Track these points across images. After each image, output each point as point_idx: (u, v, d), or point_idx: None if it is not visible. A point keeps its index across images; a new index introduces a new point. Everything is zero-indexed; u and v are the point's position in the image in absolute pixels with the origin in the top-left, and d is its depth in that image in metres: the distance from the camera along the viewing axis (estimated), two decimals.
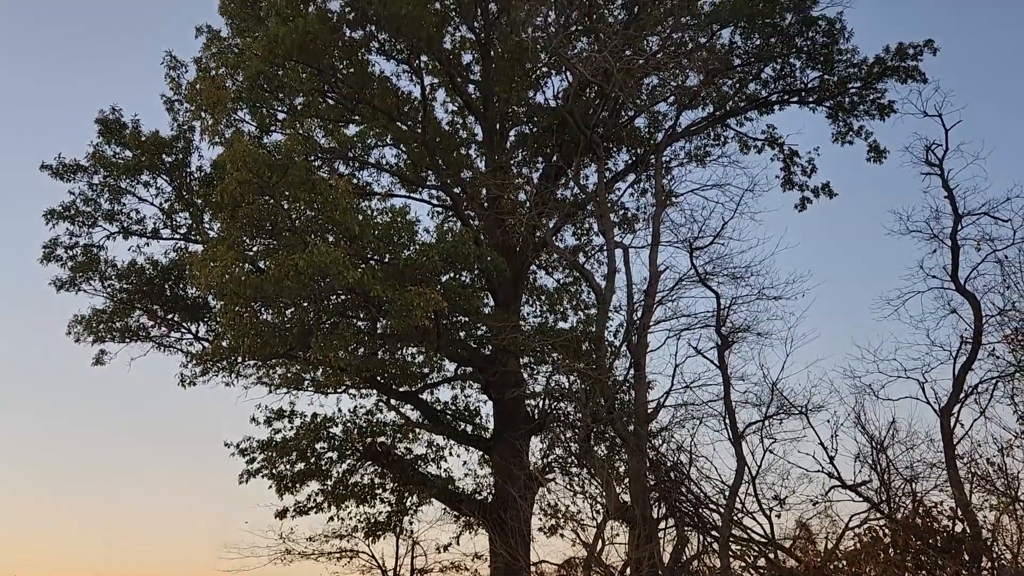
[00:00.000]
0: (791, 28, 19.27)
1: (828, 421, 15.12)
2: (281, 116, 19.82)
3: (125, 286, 19.60)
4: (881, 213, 16.16)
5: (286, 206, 16.13)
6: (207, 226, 19.46)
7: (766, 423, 15.67)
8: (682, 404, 16.41)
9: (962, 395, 14.19)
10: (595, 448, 18.10)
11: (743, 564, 15.09)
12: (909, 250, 16.44)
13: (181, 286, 19.81)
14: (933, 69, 18.95)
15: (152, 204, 20.05)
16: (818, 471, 14.77)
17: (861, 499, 14.46)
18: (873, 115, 20.06)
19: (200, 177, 19.89)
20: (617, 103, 19.23)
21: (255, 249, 16.70)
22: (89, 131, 19.60)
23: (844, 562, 13.37)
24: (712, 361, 16.42)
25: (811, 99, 20.24)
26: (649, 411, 16.44)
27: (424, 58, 19.96)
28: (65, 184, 19.62)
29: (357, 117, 20.52)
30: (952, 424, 14.00)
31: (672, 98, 20.16)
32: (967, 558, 12.71)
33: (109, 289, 19.69)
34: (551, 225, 20.30)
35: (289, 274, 15.03)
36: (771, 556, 14.78)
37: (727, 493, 15.19)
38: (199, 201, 19.68)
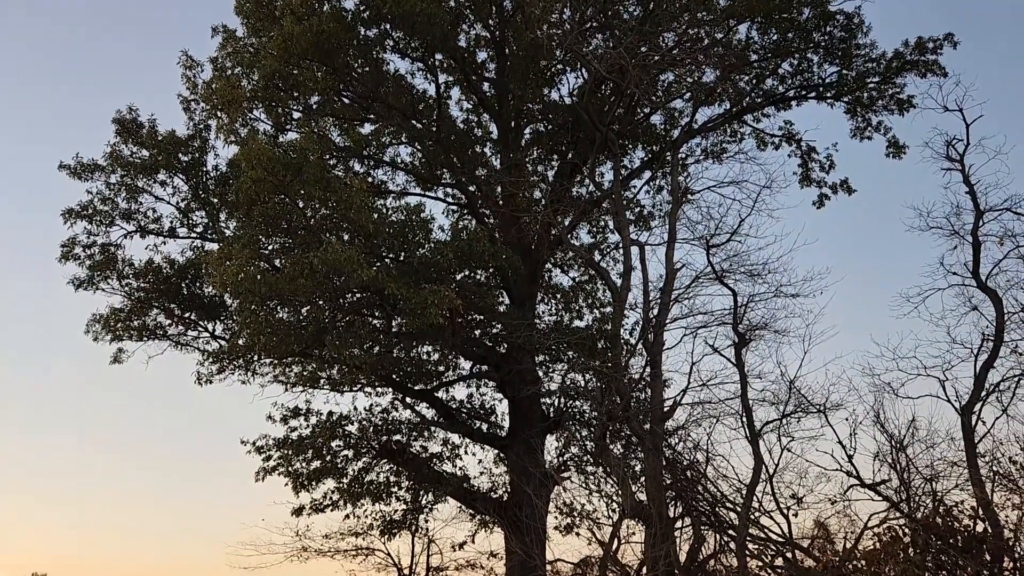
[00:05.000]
0: (808, 23, 19.12)
1: (847, 419, 15.00)
2: (296, 115, 19.84)
3: (142, 285, 19.69)
4: (901, 209, 16.03)
5: (301, 204, 16.16)
6: (223, 225, 19.56)
7: (784, 421, 15.56)
8: (699, 402, 16.32)
9: (984, 393, 14.04)
10: (611, 447, 18.01)
11: (760, 564, 14.98)
12: (929, 247, 16.29)
13: (198, 285, 19.89)
14: (953, 63, 18.74)
15: (169, 203, 20.16)
16: (836, 470, 14.65)
17: (880, 498, 14.31)
18: (892, 110, 19.84)
19: (216, 176, 20.00)
20: (633, 100, 19.13)
21: (270, 248, 16.75)
22: (107, 131, 19.74)
23: (863, 562, 13.25)
24: (729, 359, 16.35)
25: (829, 95, 20.04)
26: (665, 409, 16.35)
27: (439, 56, 19.93)
28: (83, 183, 19.78)
29: (372, 115, 20.52)
30: (974, 422, 13.85)
31: (688, 94, 20.04)
32: (988, 558, 12.56)
33: (127, 288, 19.78)
34: (566, 223, 20.22)
35: (304, 272, 15.07)
36: (789, 556, 14.65)
37: (744, 492, 15.09)
38: (215, 200, 19.78)
